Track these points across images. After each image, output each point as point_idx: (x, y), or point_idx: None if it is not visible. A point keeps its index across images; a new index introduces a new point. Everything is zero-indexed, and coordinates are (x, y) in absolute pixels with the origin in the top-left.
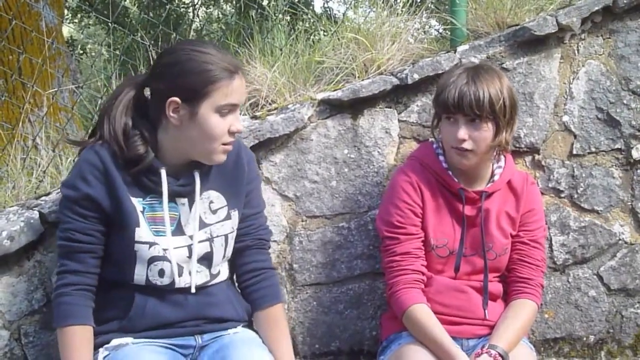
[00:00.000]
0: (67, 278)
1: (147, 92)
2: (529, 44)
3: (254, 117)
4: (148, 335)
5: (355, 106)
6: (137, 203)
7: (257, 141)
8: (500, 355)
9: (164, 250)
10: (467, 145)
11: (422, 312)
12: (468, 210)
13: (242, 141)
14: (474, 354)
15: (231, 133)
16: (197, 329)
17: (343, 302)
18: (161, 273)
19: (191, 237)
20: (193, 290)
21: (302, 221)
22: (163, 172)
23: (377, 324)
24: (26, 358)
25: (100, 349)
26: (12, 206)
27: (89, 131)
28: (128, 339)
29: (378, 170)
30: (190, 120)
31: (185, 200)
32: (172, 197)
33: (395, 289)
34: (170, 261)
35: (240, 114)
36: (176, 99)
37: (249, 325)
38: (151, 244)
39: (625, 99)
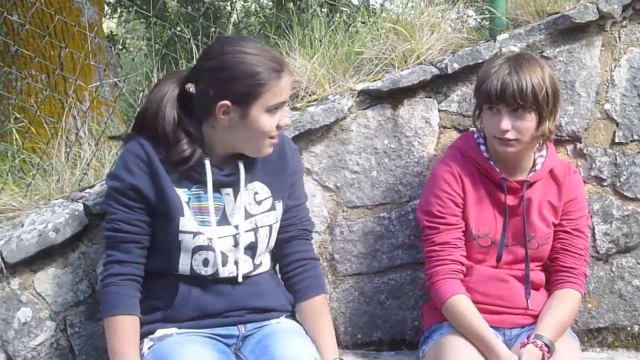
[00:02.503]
0: (113, 268)
1: (190, 88)
2: (570, 32)
3: (294, 109)
4: (192, 325)
5: (395, 96)
6: (183, 193)
7: (297, 132)
8: (546, 345)
9: (209, 239)
10: (510, 135)
11: (462, 303)
12: (510, 200)
13: (285, 134)
14: (519, 343)
15: (279, 127)
16: (240, 319)
17: (384, 292)
18: (205, 262)
19: (236, 226)
20: (240, 279)
21: (343, 211)
22: (207, 163)
23: (418, 314)
24: (72, 348)
25: (145, 339)
26: (57, 199)
27: (131, 126)
28: (172, 329)
29: (418, 160)
30: (241, 120)
31: (230, 191)
32: (217, 188)
33: (435, 279)
34: (214, 250)
35: None
36: (227, 102)
37: (292, 315)
38: (195, 234)
39: None
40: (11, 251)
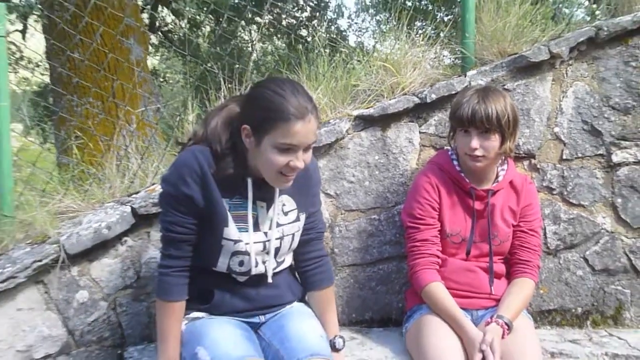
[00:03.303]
0: (168, 261)
1: None
2: (526, 69)
3: None
4: (221, 315)
5: (384, 120)
6: (225, 203)
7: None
8: (506, 324)
9: (246, 244)
10: (478, 152)
11: (437, 289)
12: (477, 205)
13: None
14: (484, 322)
15: (290, 168)
16: (261, 312)
17: (374, 280)
18: (241, 263)
19: (266, 233)
20: (270, 280)
21: (341, 214)
22: (249, 181)
23: (402, 297)
24: (120, 324)
25: (183, 320)
26: (109, 202)
27: (192, 133)
28: (204, 314)
29: (403, 172)
30: (256, 148)
31: (264, 204)
32: (254, 201)
33: (416, 269)
34: (249, 254)
35: None
36: (247, 126)
37: (302, 300)
38: (236, 241)
39: (605, 113)
40: (72, 244)
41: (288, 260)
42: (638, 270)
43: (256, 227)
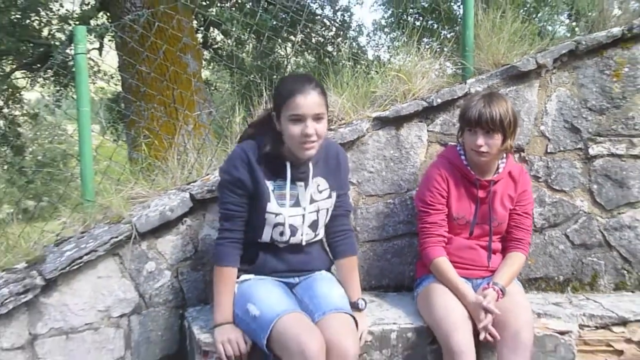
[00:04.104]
0: (224, 234)
1: None
2: (517, 77)
3: (331, 129)
4: (264, 276)
5: (397, 121)
6: (269, 184)
7: None
8: (500, 290)
9: (284, 217)
10: (483, 149)
11: (443, 263)
12: (481, 194)
13: (340, 146)
14: (481, 287)
15: (304, 135)
16: (295, 274)
17: (390, 253)
18: (281, 234)
19: (304, 208)
20: (304, 244)
21: (363, 199)
22: (288, 165)
23: (413, 268)
24: (182, 289)
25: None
26: (172, 189)
27: (244, 131)
28: (251, 276)
29: (413, 164)
30: (281, 126)
31: (302, 184)
32: (293, 181)
33: (425, 246)
34: (285, 225)
35: None
36: (274, 113)
37: (329, 270)
38: (277, 214)
39: (584, 113)
40: (142, 224)
41: (321, 233)
42: (611, 245)
43: (297, 203)
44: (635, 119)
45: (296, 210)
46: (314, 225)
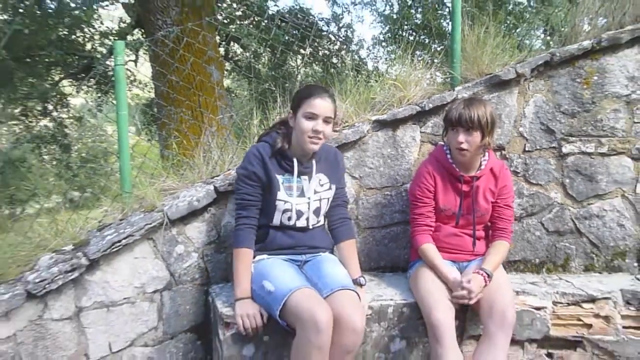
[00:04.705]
0: (241, 220)
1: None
2: (499, 85)
3: (335, 131)
4: (275, 254)
5: (394, 124)
6: (279, 177)
7: (338, 144)
8: (488, 275)
9: (291, 204)
10: (464, 146)
11: (429, 249)
12: (465, 188)
13: (337, 149)
14: (471, 272)
15: (314, 131)
16: (302, 251)
17: (387, 238)
18: (289, 218)
19: (309, 198)
20: (310, 227)
21: (364, 191)
22: (295, 161)
23: (407, 252)
24: (206, 269)
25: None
26: (198, 183)
27: (262, 134)
28: (265, 256)
29: (408, 161)
30: (295, 123)
31: (306, 177)
32: (299, 175)
33: (415, 233)
34: (292, 211)
35: None
36: (291, 111)
37: (331, 251)
38: (285, 202)
39: (557, 117)
40: (172, 213)
41: (322, 220)
42: (581, 232)
43: (302, 194)
44: (603, 121)
45: (302, 200)
46: (317, 212)
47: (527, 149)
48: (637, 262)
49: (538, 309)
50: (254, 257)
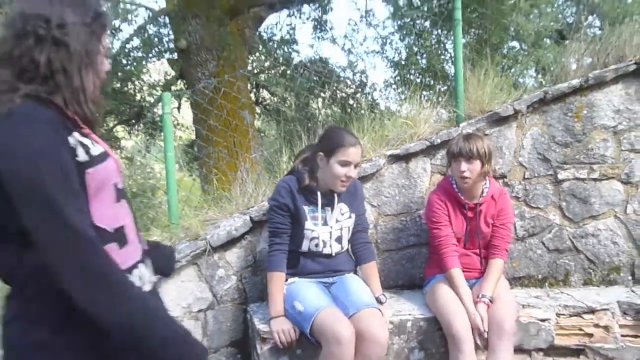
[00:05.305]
0: (274, 247)
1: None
2: (499, 120)
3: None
4: (306, 277)
5: (407, 157)
6: (306, 208)
7: (357, 176)
8: (489, 300)
9: (318, 233)
10: (466, 174)
11: (457, 274)
12: (469, 214)
13: (357, 179)
14: (475, 294)
15: (346, 177)
16: (330, 275)
17: (404, 259)
18: (316, 245)
19: (331, 227)
20: (334, 254)
21: (382, 217)
22: (319, 194)
23: (422, 271)
24: (244, 290)
25: (284, 285)
26: (236, 214)
27: (290, 169)
28: (296, 279)
29: (420, 190)
30: (327, 165)
31: (329, 208)
32: (323, 207)
33: (443, 257)
34: (319, 239)
35: None
36: (322, 153)
37: (355, 272)
38: (312, 230)
39: (552, 147)
40: (214, 241)
41: (345, 245)
42: (578, 249)
43: (325, 223)
44: (594, 150)
45: (325, 228)
46: (339, 239)
47: (526, 176)
48: (631, 276)
49: (543, 320)
50: (287, 279)
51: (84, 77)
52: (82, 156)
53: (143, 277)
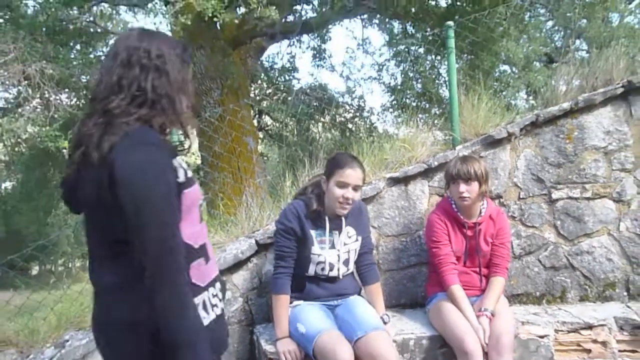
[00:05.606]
0: (279, 269)
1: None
2: (493, 143)
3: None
4: (311, 301)
5: (406, 180)
6: (313, 233)
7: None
8: (491, 313)
9: (325, 257)
10: (465, 195)
11: (457, 291)
12: (469, 233)
13: (362, 202)
14: (477, 308)
15: (344, 198)
16: (335, 298)
17: (405, 279)
18: (323, 269)
19: (339, 250)
20: (341, 277)
21: (382, 238)
22: (326, 219)
23: (423, 289)
24: (251, 311)
25: (288, 308)
26: (242, 237)
27: (296, 192)
28: (301, 302)
29: (419, 211)
30: (327, 188)
31: (337, 232)
32: (330, 230)
33: (443, 275)
34: (326, 263)
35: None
36: (324, 177)
37: (359, 294)
38: (318, 255)
39: (546, 168)
40: (221, 264)
41: (351, 268)
42: (574, 266)
43: (333, 246)
44: (586, 170)
45: (333, 252)
46: (346, 262)
47: (521, 196)
48: (626, 292)
49: (542, 337)
50: (291, 302)
51: (183, 101)
52: (181, 177)
53: (218, 294)
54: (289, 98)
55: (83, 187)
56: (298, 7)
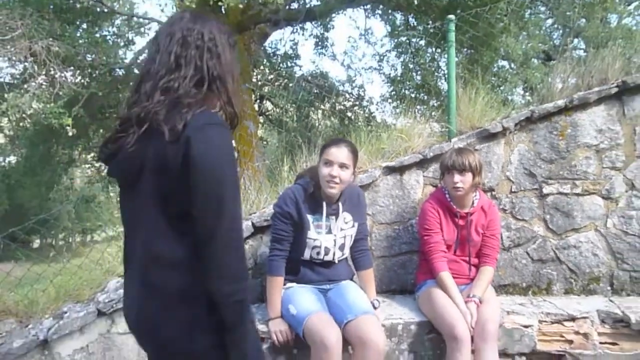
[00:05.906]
0: (275, 252)
1: None
2: (488, 137)
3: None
4: (304, 284)
5: (401, 169)
6: (310, 217)
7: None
8: (479, 299)
9: (320, 241)
10: (459, 185)
11: (446, 277)
12: (461, 222)
13: (360, 188)
14: (464, 293)
15: (330, 176)
16: (327, 283)
17: (397, 266)
18: (318, 253)
19: (335, 235)
20: (336, 261)
21: (376, 226)
22: (324, 204)
23: (413, 276)
24: None
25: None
26: None
27: (296, 178)
28: (294, 284)
29: (413, 200)
30: (319, 168)
31: (333, 217)
32: (327, 215)
33: (433, 261)
34: (321, 247)
35: None
36: (319, 159)
37: (351, 279)
38: (314, 239)
39: (538, 163)
40: None
41: (346, 253)
42: (561, 260)
43: (329, 231)
44: (577, 166)
45: (329, 237)
46: (342, 247)
47: (513, 190)
48: (609, 286)
49: (526, 326)
50: (285, 283)
51: (234, 82)
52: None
53: None
54: (290, 84)
55: (142, 157)
56: None
